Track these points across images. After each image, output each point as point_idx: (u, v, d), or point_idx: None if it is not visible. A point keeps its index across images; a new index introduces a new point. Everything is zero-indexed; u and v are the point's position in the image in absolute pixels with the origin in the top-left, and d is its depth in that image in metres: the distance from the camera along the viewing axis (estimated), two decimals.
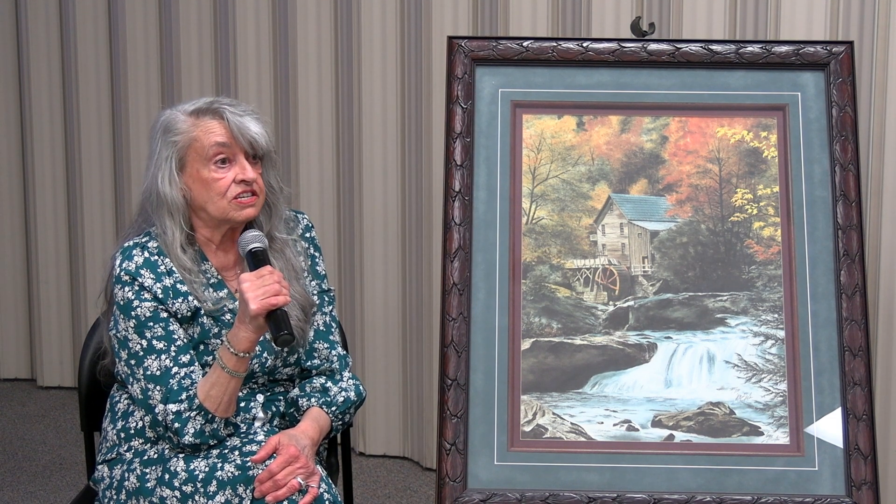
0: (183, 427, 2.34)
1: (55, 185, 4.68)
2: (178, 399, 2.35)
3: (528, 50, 2.70)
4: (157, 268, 2.40)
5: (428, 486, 3.86)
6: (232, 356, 2.34)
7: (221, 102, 2.45)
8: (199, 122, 2.41)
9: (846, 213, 2.59)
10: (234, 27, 4.14)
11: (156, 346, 2.37)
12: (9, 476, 3.95)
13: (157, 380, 2.36)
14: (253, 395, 2.47)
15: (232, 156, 2.41)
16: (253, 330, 2.33)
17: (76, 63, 4.53)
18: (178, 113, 2.44)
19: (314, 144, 4.06)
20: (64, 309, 4.75)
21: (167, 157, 2.41)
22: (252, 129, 2.42)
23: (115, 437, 2.47)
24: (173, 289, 2.40)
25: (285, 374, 2.52)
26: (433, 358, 3.90)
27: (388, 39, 3.88)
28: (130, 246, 2.43)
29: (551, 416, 2.54)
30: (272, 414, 2.48)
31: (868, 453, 2.48)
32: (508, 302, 2.60)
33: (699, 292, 2.63)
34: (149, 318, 2.37)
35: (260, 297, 2.29)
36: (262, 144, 2.44)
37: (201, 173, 2.41)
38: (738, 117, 2.69)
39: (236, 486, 2.30)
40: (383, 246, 3.97)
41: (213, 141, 2.40)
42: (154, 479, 2.36)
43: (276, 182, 2.51)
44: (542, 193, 2.67)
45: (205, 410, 2.35)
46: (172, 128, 2.42)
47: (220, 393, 2.35)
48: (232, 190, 2.40)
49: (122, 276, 2.39)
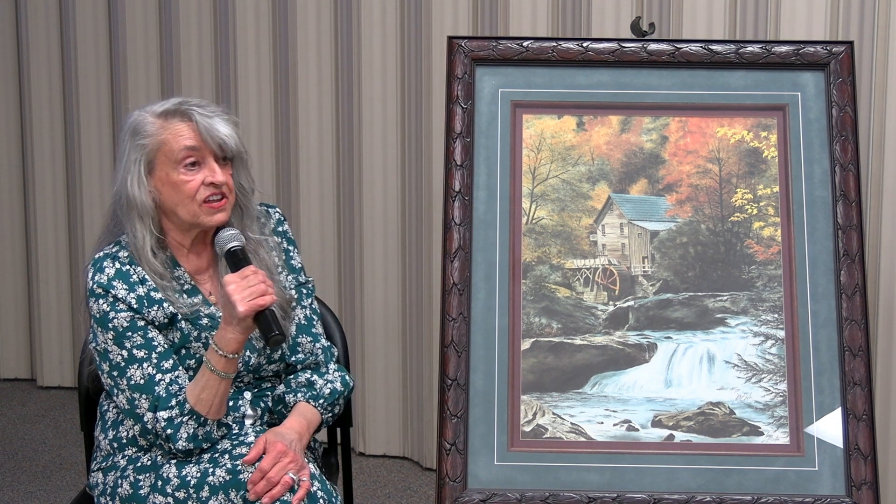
0: (176, 433, 2.33)
1: (55, 185, 4.68)
2: (168, 406, 2.33)
3: (528, 50, 2.70)
4: (130, 277, 2.38)
5: (428, 486, 3.86)
6: (220, 358, 2.32)
7: (190, 104, 2.41)
8: (168, 125, 2.38)
9: (846, 213, 2.59)
10: (234, 27, 4.13)
11: (137, 356, 2.35)
12: (9, 476, 3.95)
13: (142, 388, 2.34)
14: (240, 393, 2.46)
15: (201, 158, 2.38)
16: (240, 331, 2.31)
17: (76, 63, 4.53)
18: (146, 115, 2.41)
19: (314, 144, 4.06)
20: (64, 309, 4.75)
21: (136, 160, 2.39)
22: (221, 131, 2.38)
23: (108, 447, 2.46)
24: (147, 297, 2.37)
25: (270, 371, 2.50)
26: (433, 358, 3.90)
27: (388, 39, 3.88)
28: (101, 258, 2.40)
29: (551, 416, 2.54)
30: (262, 410, 2.48)
31: (868, 453, 2.48)
32: (508, 302, 2.60)
33: (699, 292, 2.63)
34: (126, 328, 2.35)
35: (247, 298, 2.28)
36: (232, 146, 2.40)
37: (170, 176, 2.38)
38: (738, 117, 2.69)
39: (228, 490, 2.28)
40: (383, 246, 3.97)
41: (182, 145, 2.37)
42: (147, 486, 2.35)
43: (248, 182, 2.48)
44: (542, 193, 2.67)
45: (196, 414, 2.33)
46: (141, 130, 2.39)
47: (211, 395, 2.34)
48: (201, 193, 2.38)
49: (95, 290, 2.36)
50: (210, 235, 2.45)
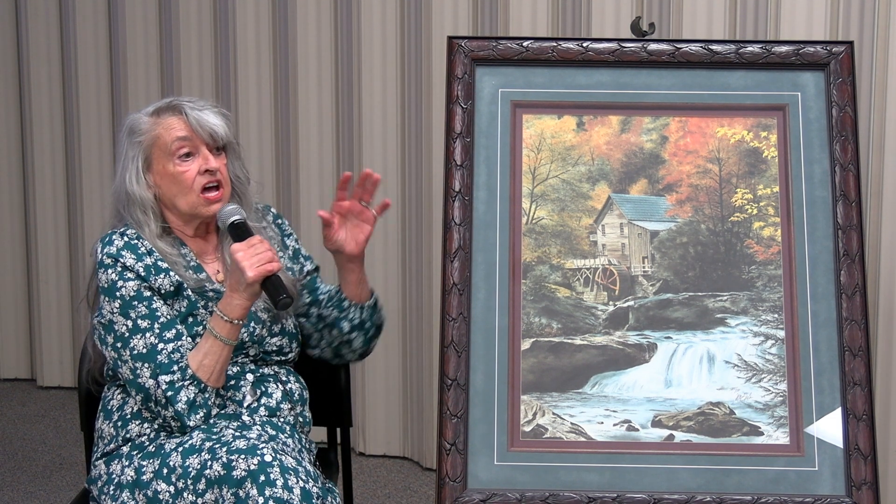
0: (176, 395, 2.39)
1: (55, 185, 4.68)
2: (170, 370, 2.40)
3: (528, 50, 2.70)
4: (138, 249, 2.47)
5: (428, 486, 3.86)
6: (225, 324, 2.41)
7: (181, 100, 2.54)
8: (160, 121, 2.51)
9: (846, 213, 2.59)
10: (234, 27, 4.14)
11: (140, 326, 2.42)
12: (9, 476, 3.95)
13: (144, 357, 2.41)
14: (243, 373, 2.50)
15: (194, 148, 2.50)
16: (247, 297, 2.41)
17: (76, 63, 4.53)
18: (140, 115, 2.54)
19: (314, 144, 4.06)
20: (64, 309, 4.75)
21: (133, 157, 2.52)
22: (211, 121, 2.51)
23: (111, 430, 2.49)
24: (154, 266, 2.46)
25: (274, 346, 2.56)
26: (433, 358, 3.90)
27: (388, 39, 3.88)
28: (109, 233, 2.50)
29: (551, 416, 2.54)
30: (260, 393, 2.51)
31: (868, 453, 2.48)
32: (508, 302, 2.60)
33: (699, 292, 2.63)
34: (133, 297, 2.43)
35: (255, 264, 2.38)
36: (222, 134, 2.52)
37: (167, 168, 2.50)
38: (738, 117, 2.69)
39: (222, 486, 2.30)
40: (383, 246, 3.97)
41: (174, 136, 2.49)
42: (151, 471, 2.38)
43: (243, 172, 2.60)
44: (542, 193, 2.67)
45: (197, 380, 2.40)
46: (136, 129, 2.53)
47: (213, 362, 2.41)
48: (198, 181, 2.49)
49: (104, 260, 2.46)
50: (212, 222, 2.57)
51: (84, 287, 2.58)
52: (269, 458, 2.29)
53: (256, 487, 2.26)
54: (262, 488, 2.26)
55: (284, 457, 2.32)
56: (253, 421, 2.47)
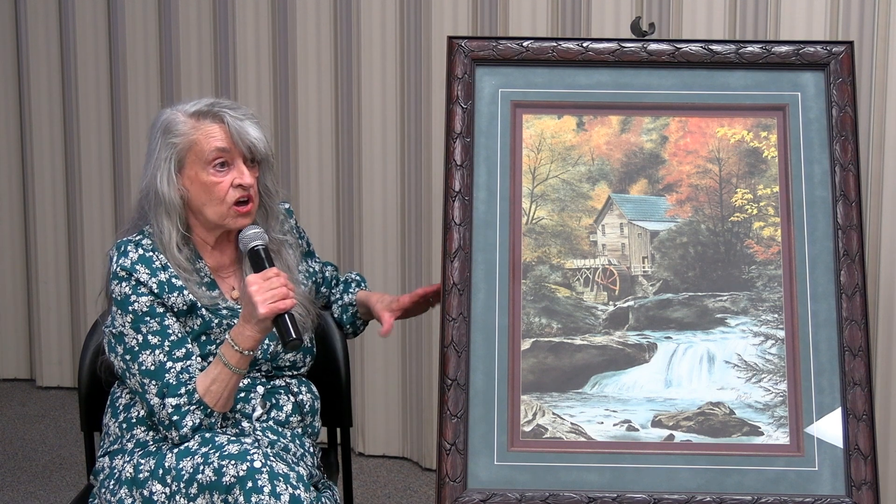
0: (182, 420, 2.37)
1: (55, 185, 4.68)
2: (177, 393, 2.37)
3: (528, 50, 2.70)
4: (153, 263, 2.43)
5: (428, 486, 3.86)
6: (235, 353, 2.38)
7: (222, 105, 2.48)
8: (200, 125, 2.45)
9: (846, 213, 2.59)
10: (234, 27, 4.14)
11: (150, 342, 2.39)
12: (9, 476, 3.95)
13: (152, 374, 2.38)
14: (254, 385, 2.49)
15: (230, 160, 2.46)
16: (258, 331, 2.37)
17: (76, 63, 4.53)
18: (178, 114, 2.47)
19: (314, 144, 4.06)
20: (64, 309, 4.75)
21: (166, 158, 2.44)
22: (252, 135, 2.46)
23: (117, 430, 2.49)
24: (168, 283, 2.43)
25: (287, 361, 2.55)
26: (433, 358, 3.90)
27: (388, 39, 3.88)
28: (124, 242, 2.46)
29: (551, 416, 2.54)
30: (270, 406, 2.50)
31: (868, 453, 2.47)
32: (508, 302, 2.59)
33: (699, 292, 2.63)
34: (145, 312, 2.40)
35: (268, 300, 2.34)
36: (261, 150, 2.48)
37: (200, 176, 2.45)
38: (738, 117, 2.69)
39: (213, 492, 2.30)
40: (383, 246, 3.97)
41: (213, 146, 2.44)
42: (147, 471, 2.37)
43: (273, 185, 2.57)
44: (542, 193, 2.67)
45: (204, 405, 2.38)
46: (172, 129, 2.45)
47: (221, 388, 2.38)
48: (231, 195, 2.45)
49: (118, 272, 2.42)
50: (234, 234, 2.52)
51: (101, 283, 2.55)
52: (259, 465, 2.29)
53: (244, 494, 2.26)
54: (249, 495, 2.26)
55: (276, 462, 2.31)
56: (253, 427, 2.47)
